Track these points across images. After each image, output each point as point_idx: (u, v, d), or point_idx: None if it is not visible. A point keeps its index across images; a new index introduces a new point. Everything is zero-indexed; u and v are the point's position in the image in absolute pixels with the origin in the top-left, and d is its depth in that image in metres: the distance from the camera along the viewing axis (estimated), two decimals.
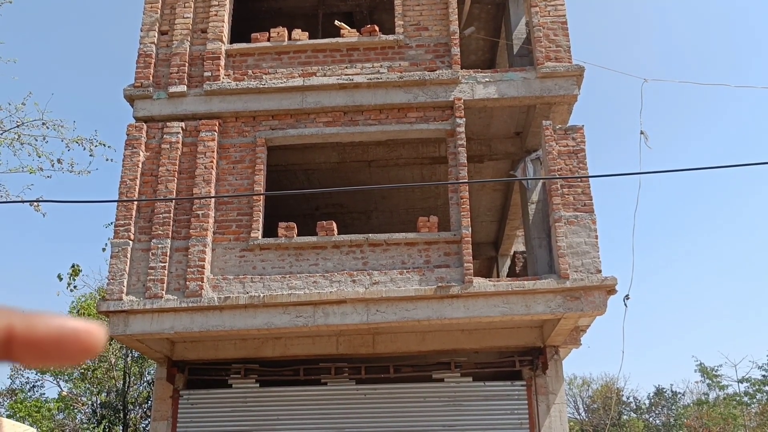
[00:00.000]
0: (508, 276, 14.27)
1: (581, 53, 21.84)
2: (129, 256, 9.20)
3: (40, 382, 22.57)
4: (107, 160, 13.33)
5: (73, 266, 14.20)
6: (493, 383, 9.96)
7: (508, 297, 8.78)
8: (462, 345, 10.06)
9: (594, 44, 54.67)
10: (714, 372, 26.42)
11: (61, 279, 14.04)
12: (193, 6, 10.46)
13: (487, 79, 9.79)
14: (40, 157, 13.11)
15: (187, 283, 9.03)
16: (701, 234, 55.09)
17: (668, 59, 58.05)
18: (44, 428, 19.61)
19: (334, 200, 13.41)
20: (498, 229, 14.89)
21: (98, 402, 20.73)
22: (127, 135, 9.78)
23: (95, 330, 0.52)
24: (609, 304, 8.74)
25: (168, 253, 9.19)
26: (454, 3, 10.20)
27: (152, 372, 19.57)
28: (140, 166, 9.64)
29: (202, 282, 9.04)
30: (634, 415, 31.57)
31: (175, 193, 9.48)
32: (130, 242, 9.27)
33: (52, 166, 13.23)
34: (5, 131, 13.16)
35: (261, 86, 9.89)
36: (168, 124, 9.82)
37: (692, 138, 59.37)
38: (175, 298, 8.99)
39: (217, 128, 9.80)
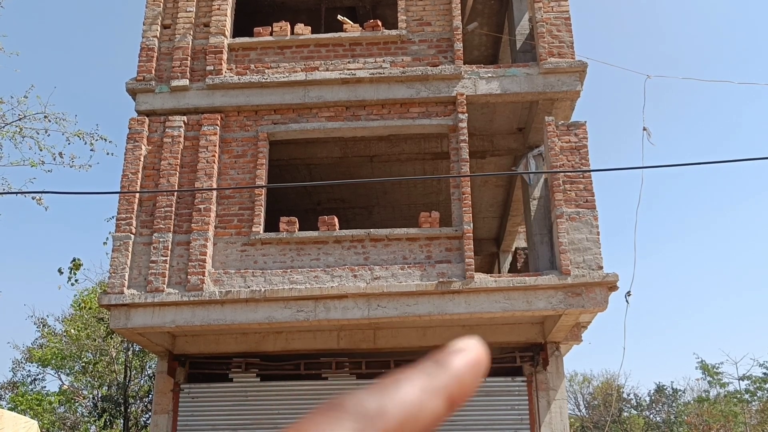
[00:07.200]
0: (509, 272, 14.26)
1: (584, 49, 21.81)
2: (130, 249, 9.21)
3: (42, 375, 22.64)
4: (108, 154, 13.32)
5: (74, 260, 14.16)
6: (494, 379, 9.95)
7: (509, 293, 8.78)
8: None
9: (597, 40, 54.56)
10: (715, 369, 26.41)
11: (61, 273, 14.02)
12: (195, 0, 10.44)
13: (490, 75, 9.77)
14: (41, 150, 13.11)
15: (189, 277, 9.04)
16: (703, 231, 55.07)
17: (671, 56, 57.93)
18: (45, 421, 19.67)
19: (335, 195, 13.40)
20: (499, 225, 14.88)
21: (99, 395, 20.78)
22: (129, 128, 9.78)
23: (477, 349, 0.46)
24: (610, 301, 8.74)
25: (169, 247, 9.20)
26: None
27: (153, 366, 19.61)
28: (142, 159, 9.64)
29: (204, 276, 9.04)
30: (635, 412, 31.57)
31: (177, 187, 9.48)
32: (132, 236, 9.28)
33: (54, 159, 13.23)
34: (7, 124, 13.17)
35: (263, 80, 9.88)
36: (170, 117, 9.82)
37: (695, 136, 59.29)
38: (177, 291, 8.99)
39: (219, 122, 9.79)
